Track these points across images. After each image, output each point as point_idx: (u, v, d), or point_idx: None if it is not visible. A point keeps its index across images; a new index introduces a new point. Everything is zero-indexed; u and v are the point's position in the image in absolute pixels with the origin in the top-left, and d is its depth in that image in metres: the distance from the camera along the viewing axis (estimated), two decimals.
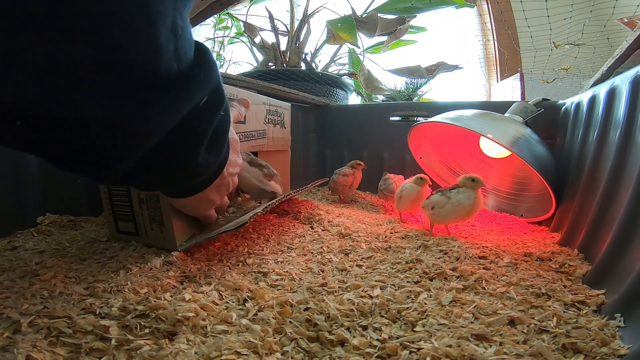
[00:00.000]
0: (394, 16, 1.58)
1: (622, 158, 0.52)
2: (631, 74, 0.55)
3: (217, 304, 0.37)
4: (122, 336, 0.30)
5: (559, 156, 0.85)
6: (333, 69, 1.90)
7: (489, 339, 0.32)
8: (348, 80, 1.67)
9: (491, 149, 0.97)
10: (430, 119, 0.94)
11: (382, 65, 1.73)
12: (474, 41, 2.34)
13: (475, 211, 0.65)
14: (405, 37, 1.68)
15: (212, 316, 0.35)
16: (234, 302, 0.38)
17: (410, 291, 0.41)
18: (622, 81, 0.58)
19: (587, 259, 0.52)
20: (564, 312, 0.37)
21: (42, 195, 0.67)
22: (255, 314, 0.36)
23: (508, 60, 2.21)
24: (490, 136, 0.77)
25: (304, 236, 0.64)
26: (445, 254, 0.54)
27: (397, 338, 0.32)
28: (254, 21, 1.73)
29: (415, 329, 0.34)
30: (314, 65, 1.74)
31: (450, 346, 0.30)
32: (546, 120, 0.93)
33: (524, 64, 2.08)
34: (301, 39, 1.68)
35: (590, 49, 1.39)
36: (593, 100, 0.71)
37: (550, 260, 0.54)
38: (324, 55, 1.87)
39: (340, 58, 1.91)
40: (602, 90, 0.66)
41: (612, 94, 0.62)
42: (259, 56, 1.81)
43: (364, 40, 1.59)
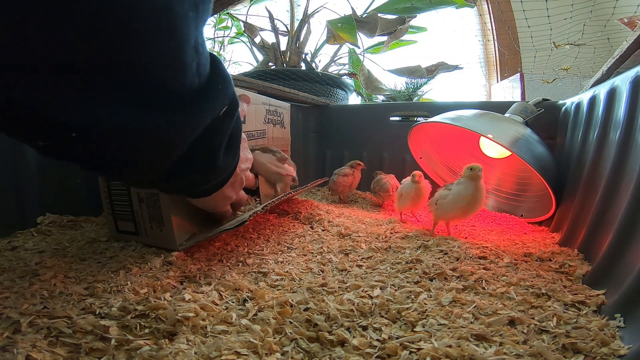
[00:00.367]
0: (394, 16, 1.58)
1: (622, 158, 0.52)
2: (631, 74, 0.55)
3: (217, 304, 0.37)
4: (122, 336, 0.30)
5: (559, 156, 0.85)
6: (333, 69, 1.90)
7: (489, 339, 0.32)
8: (348, 80, 1.66)
9: (491, 149, 0.96)
10: (430, 119, 0.94)
11: (382, 65, 1.72)
12: (474, 41, 2.34)
13: (477, 202, 0.63)
14: (405, 37, 1.68)
15: (212, 316, 0.35)
16: (234, 302, 0.38)
17: (410, 291, 0.41)
18: (622, 81, 0.58)
19: (587, 259, 0.52)
20: (564, 312, 0.37)
21: (42, 195, 0.67)
22: (255, 314, 0.36)
23: (508, 60, 2.21)
24: (490, 136, 0.77)
25: (304, 236, 0.64)
26: (445, 254, 0.54)
27: (397, 338, 0.32)
28: (254, 21, 1.74)
29: (415, 329, 0.34)
30: (314, 65, 1.74)
31: (450, 346, 0.30)
32: (546, 120, 0.93)
33: (524, 64, 2.09)
34: (301, 39, 1.68)
35: (591, 49, 1.39)
36: (593, 101, 0.71)
37: (550, 260, 0.54)
38: (324, 55, 1.87)
39: (340, 58, 1.91)
40: (602, 91, 0.66)
41: (612, 94, 0.62)
42: (259, 56, 1.81)
43: (364, 40, 1.59)
